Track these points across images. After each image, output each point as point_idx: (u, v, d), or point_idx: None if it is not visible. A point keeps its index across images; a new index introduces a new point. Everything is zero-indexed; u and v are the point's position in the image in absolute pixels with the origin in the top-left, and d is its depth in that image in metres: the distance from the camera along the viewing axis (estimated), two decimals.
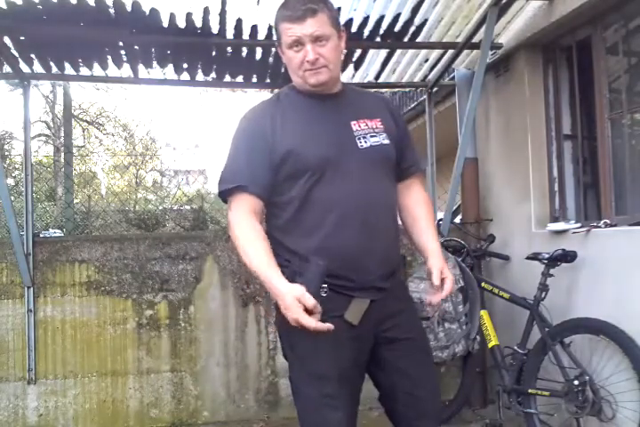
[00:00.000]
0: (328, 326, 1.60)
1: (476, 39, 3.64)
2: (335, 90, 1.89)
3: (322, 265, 1.66)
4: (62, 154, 9.92)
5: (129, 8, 3.16)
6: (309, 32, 1.76)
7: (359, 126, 1.85)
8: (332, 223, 1.76)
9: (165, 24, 3.35)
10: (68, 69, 3.86)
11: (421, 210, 1.99)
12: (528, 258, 3.27)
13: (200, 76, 4.05)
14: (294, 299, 1.60)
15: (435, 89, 4.42)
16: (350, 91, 1.97)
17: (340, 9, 3.40)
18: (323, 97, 1.86)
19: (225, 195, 1.82)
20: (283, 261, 1.75)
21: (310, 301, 1.59)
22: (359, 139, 1.83)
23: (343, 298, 1.77)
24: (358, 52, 3.93)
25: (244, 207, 1.78)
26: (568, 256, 3.08)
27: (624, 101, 3.16)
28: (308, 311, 1.59)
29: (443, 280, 1.89)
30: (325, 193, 1.77)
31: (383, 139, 1.86)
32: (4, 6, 3.10)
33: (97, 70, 3.89)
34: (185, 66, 3.89)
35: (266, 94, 4.41)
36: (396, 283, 1.92)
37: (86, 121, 14.03)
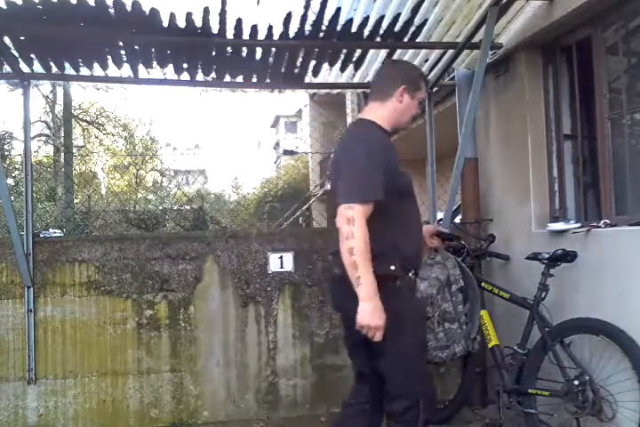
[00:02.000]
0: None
1: (476, 39, 3.64)
2: None
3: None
4: (62, 154, 9.92)
5: (129, 8, 3.16)
6: None
7: None
8: (416, 230, 2.51)
9: (165, 24, 3.35)
10: (68, 69, 3.86)
11: None
12: (528, 258, 3.27)
13: (200, 76, 4.05)
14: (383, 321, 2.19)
15: (435, 89, 4.42)
16: None
17: (339, 9, 3.40)
18: (390, 135, 2.51)
19: (356, 201, 2.21)
20: (391, 257, 2.31)
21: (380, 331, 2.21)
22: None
23: (415, 281, 2.42)
24: (358, 52, 3.94)
25: (364, 218, 2.20)
26: (568, 256, 3.08)
27: (624, 101, 3.16)
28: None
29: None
30: (413, 207, 2.48)
31: None
32: (4, 6, 3.10)
33: (97, 70, 3.89)
34: (185, 66, 3.89)
35: (266, 94, 4.41)
36: None
37: (86, 121, 14.04)
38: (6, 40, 3.45)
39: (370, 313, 2.16)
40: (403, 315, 2.28)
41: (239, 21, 3.40)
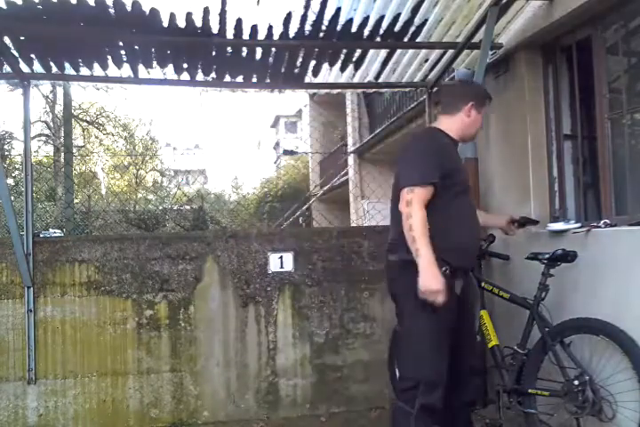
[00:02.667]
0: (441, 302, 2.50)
1: (476, 39, 3.65)
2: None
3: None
4: (62, 154, 9.92)
5: (129, 8, 3.16)
6: None
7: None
8: (466, 226, 2.70)
9: (165, 24, 3.35)
10: (68, 69, 3.86)
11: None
12: (528, 258, 3.26)
13: (200, 76, 4.05)
14: (443, 286, 2.48)
15: (435, 89, 4.42)
16: None
17: (339, 9, 3.40)
18: (457, 143, 2.85)
19: (412, 184, 2.56)
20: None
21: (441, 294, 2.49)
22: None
23: (451, 277, 2.60)
24: (358, 52, 3.94)
25: (422, 199, 2.54)
26: (568, 256, 3.08)
27: (624, 101, 3.16)
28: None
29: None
30: (465, 204, 2.72)
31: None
32: (4, 6, 3.10)
33: (97, 70, 3.89)
34: (185, 66, 3.89)
35: (266, 94, 4.41)
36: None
37: (86, 121, 14.03)
38: (6, 40, 3.45)
39: (429, 278, 2.45)
40: (418, 300, 2.50)
41: (239, 21, 3.40)
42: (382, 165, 10.45)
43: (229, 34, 3.51)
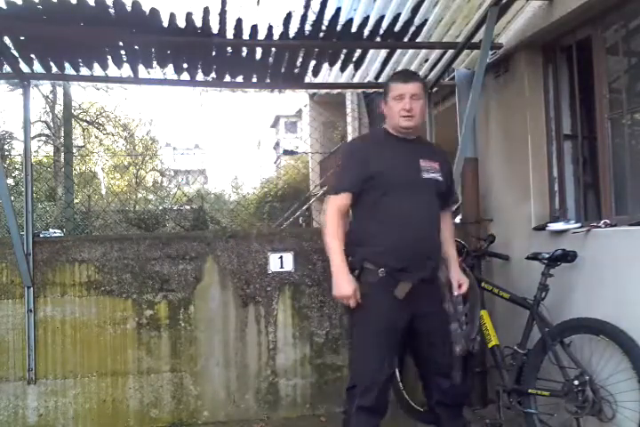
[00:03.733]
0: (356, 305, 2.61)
1: (476, 39, 3.65)
2: (413, 137, 2.79)
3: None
4: (62, 154, 9.92)
5: (129, 8, 3.16)
6: (410, 90, 2.68)
7: (425, 163, 2.70)
8: (395, 227, 2.60)
9: (165, 24, 3.35)
10: (68, 69, 3.86)
11: (448, 231, 2.93)
12: (528, 258, 3.27)
13: (200, 76, 4.05)
14: (353, 289, 2.59)
15: (435, 89, 4.42)
16: (423, 140, 2.97)
17: (339, 9, 3.40)
18: (404, 139, 2.75)
19: (330, 194, 2.72)
20: (354, 249, 2.64)
21: (355, 300, 2.60)
22: (423, 171, 2.69)
23: (393, 280, 2.61)
24: (358, 51, 3.94)
25: (336, 206, 2.65)
26: (568, 256, 3.08)
27: (624, 101, 3.16)
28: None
29: (460, 285, 2.89)
30: (394, 204, 2.62)
31: (438, 176, 2.73)
32: (4, 6, 3.10)
33: (97, 70, 3.89)
34: (185, 66, 3.89)
35: (266, 94, 4.41)
36: (434, 276, 2.74)
37: (86, 121, 14.03)
38: (6, 40, 3.45)
39: (338, 283, 2.60)
40: (358, 305, 2.62)
41: (239, 21, 3.40)
42: None
43: (229, 34, 3.51)
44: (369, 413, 2.62)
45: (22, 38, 3.48)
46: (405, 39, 3.78)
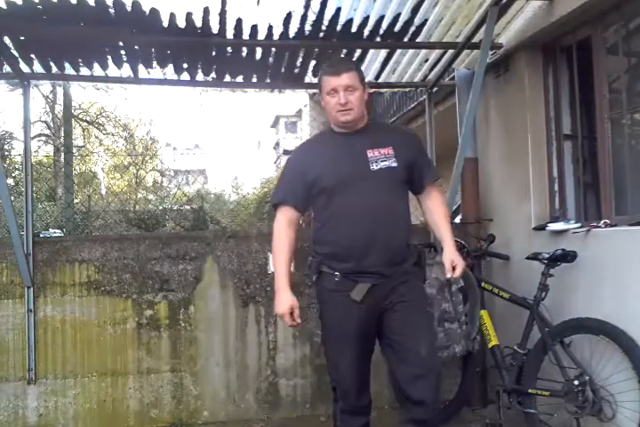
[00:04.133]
0: (296, 324, 2.60)
1: (476, 39, 3.64)
2: (359, 126, 2.58)
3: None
4: (62, 154, 9.91)
5: (129, 8, 3.16)
6: (343, 83, 2.48)
7: (373, 153, 2.52)
8: (345, 228, 2.49)
9: (165, 24, 3.35)
10: (68, 69, 3.85)
11: (439, 210, 2.69)
12: (528, 258, 3.27)
13: (200, 76, 4.05)
14: (287, 308, 2.55)
15: (435, 89, 4.42)
16: (375, 125, 2.68)
17: (339, 9, 3.40)
18: (349, 133, 2.57)
19: (274, 207, 2.64)
20: (314, 254, 2.61)
21: (290, 319, 2.56)
22: (372, 163, 2.51)
23: (351, 282, 2.50)
24: (358, 52, 3.94)
25: (282, 218, 2.61)
26: (568, 256, 3.08)
27: (624, 101, 3.16)
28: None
29: (454, 267, 2.57)
30: (342, 204, 2.50)
31: (392, 162, 2.52)
32: (4, 6, 3.10)
33: (97, 70, 3.89)
34: (185, 66, 3.89)
35: (266, 94, 4.41)
36: (401, 270, 2.53)
37: (86, 121, 14.02)
38: (6, 40, 3.44)
39: (276, 301, 2.58)
40: (320, 310, 2.66)
41: (239, 21, 3.40)
42: None
43: (229, 34, 3.50)
44: (351, 414, 2.64)
45: (22, 38, 3.48)
46: (405, 39, 3.77)
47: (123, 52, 3.66)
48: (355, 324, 2.51)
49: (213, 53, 3.75)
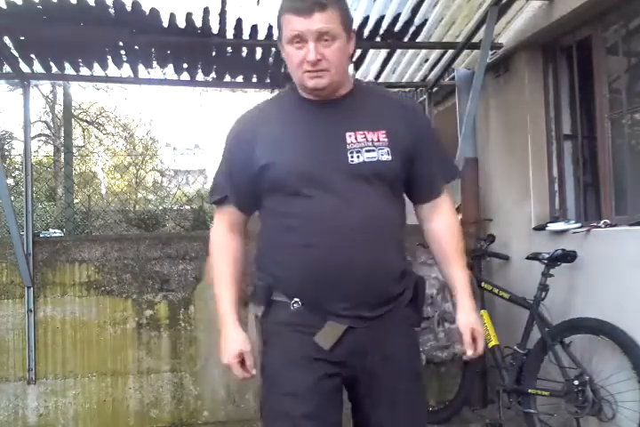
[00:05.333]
0: (250, 377, 1.67)
1: (475, 39, 3.64)
2: (340, 94, 1.67)
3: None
4: (62, 154, 9.91)
5: (129, 8, 3.16)
6: (315, 28, 1.54)
7: (355, 139, 1.62)
8: (309, 241, 1.60)
9: (165, 24, 3.35)
10: (68, 69, 3.86)
11: (449, 238, 1.76)
12: (528, 258, 3.27)
13: (200, 76, 4.06)
14: (234, 356, 1.66)
15: (435, 89, 4.42)
16: (362, 93, 1.71)
17: None
18: (322, 102, 1.65)
19: (214, 204, 1.82)
20: (258, 277, 1.73)
21: (240, 371, 1.66)
22: (351, 153, 1.61)
23: (318, 316, 1.61)
24: (358, 52, 3.94)
25: (223, 222, 1.78)
26: (568, 256, 3.08)
27: (624, 101, 3.16)
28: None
29: (474, 340, 1.70)
30: (302, 209, 1.61)
31: (382, 154, 1.62)
32: (4, 6, 3.10)
33: (97, 70, 3.89)
34: (185, 66, 3.89)
35: (266, 94, 4.41)
36: (390, 313, 1.64)
37: (86, 121, 14.01)
38: (6, 40, 3.45)
39: (221, 344, 1.70)
40: (262, 354, 1.71)
41: (239, 21, 3.40)
42: None
43: (229, 34, 3.51)
44: None
45: (22, 38, 3.48)
46: (405, 39, 3.78)
47: (123, 52, 3.66)
48: (314, 379, 1.59)
49: (213, 53, 3.76)
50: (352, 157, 1.61)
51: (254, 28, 3.49)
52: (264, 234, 1.72)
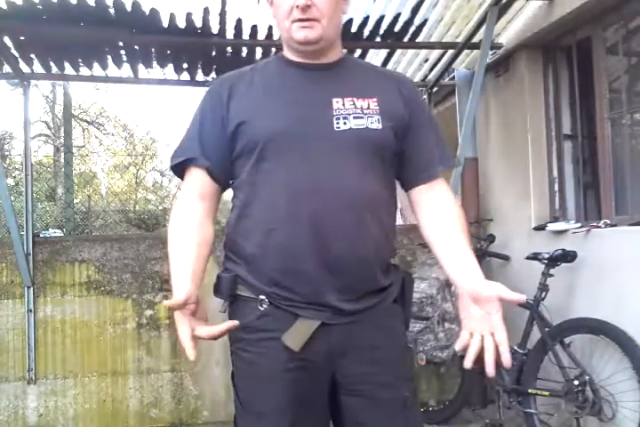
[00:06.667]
0: (193, 354, 1.44)
1: (475, 39, 3.64)
2: (329, 59, 1.52)
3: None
4: (62, 154, 9.91)
5: (129, 8, 3.16)
6: None
7: (342, 104, 1.46)
8: (279, 215, 1.40)
9: (165, 24, 3.35)
10: (68, 69, 3.86)
11: (448, 220, 1.51)
12: (528, 258, 3.27)
13: (200, 76, 4.05)
14: (178, 304, 1.45)
15: (435, 89, 4.42)
16: (354, 64, 1.60)
17: None
18: (310, 66, 1.50)
19: (177, 172, 1.55)
20: (226, 264, 1.55)
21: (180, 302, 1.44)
22: (338, 119, 1.44)
23: (288, 315, 1.41)
24: (358, 52, 3.93)
25: (191, 187, 1.52)
26: (568, 256, 3.08)
27: (624, 101, 3.16)
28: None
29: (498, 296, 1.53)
30: (278, 177, 1.41)
31: (372, 122, 1.45)
32: (4, 6, 3.10)
33: (97, 70, 3.89)
34: (185, 66, 3.89)
35: None
36: (378, 307, 1.46)
37: (86, 121, 14.01)
38: (6, 40, 3.45)
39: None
40: (232, 364, 1.64)
41: (239, 21, 3.40)
42: None
43: (229, 34, 3.50)
44: None
45: (22, 38, 3.48)
46: (405, 39, 3.77)
47: (123, 52, 3.66)
48: (286, 394, 1.45)
49: (213, 53, 3.75)
50: (338, 123, 1.44)
51: (254, 28, 3.49)
52: (233, 211, 1.52)
